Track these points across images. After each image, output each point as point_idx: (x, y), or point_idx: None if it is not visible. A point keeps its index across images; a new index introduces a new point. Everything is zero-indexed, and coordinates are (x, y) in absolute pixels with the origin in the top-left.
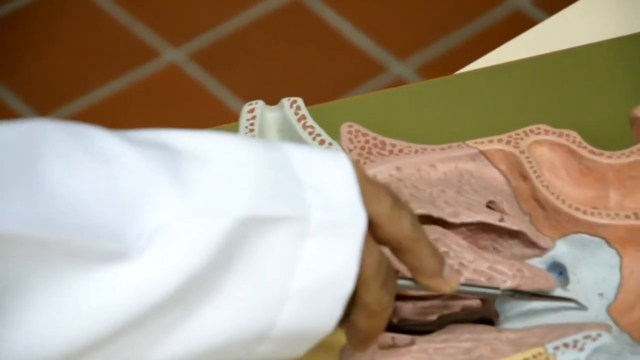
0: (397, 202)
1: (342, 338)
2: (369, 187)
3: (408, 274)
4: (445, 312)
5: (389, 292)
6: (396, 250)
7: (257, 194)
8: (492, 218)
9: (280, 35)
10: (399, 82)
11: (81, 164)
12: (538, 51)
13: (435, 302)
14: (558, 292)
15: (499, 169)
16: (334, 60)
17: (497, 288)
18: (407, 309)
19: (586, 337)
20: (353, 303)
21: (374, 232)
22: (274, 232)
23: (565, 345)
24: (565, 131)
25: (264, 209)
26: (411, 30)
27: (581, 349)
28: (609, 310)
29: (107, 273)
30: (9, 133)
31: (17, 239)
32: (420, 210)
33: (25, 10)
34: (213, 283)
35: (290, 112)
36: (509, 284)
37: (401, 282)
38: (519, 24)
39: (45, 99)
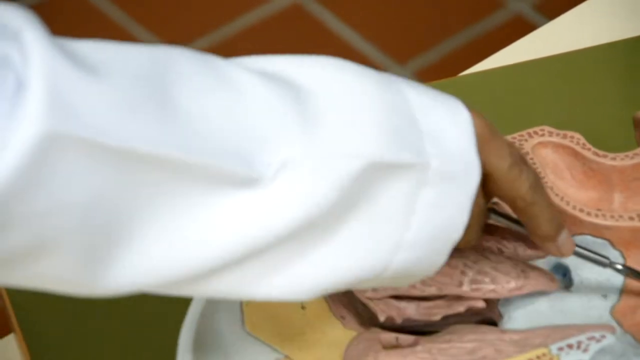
0: (518, 161)
1: (347, 336)
2: (492, 142)
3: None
4: (449, 312)
5: (480, 234)
6: (511, 208)
7: (384, 139)
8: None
9: (280, 39)
10: None
11: (212, 92)
12: (538, 55)
13: (439, 303)
14: None
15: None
16: None
17: (607, 258)
18: (411, 309)
19: (590, 338)
20: None
21: (490, 185)
22: (396, 178)
23: (569, 346)
24: (569, 133)
25: (390, 155)
26: (411, 34)
27: (585, 350)
28: (613, 311)
29: (238, 197)
30: (141, 57)
31: (154, 159)
32: None
33: None
34: (333, 223)
35: None
36: (512, 284)
37: (517, 227)
38: (519, 29)
39: None
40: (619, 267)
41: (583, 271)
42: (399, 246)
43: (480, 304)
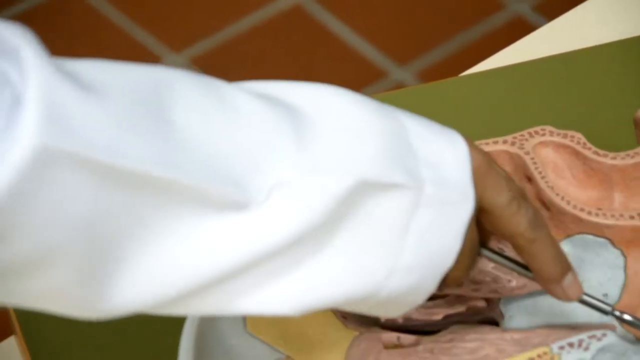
0: (517, 196)
1: (348, 336)
2: (489, 175)
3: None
4: (451, 312)
5: (468, 273)
6: (513, 246)
7: (376, 159)
8: None
9: (281, 41)
10: (400, 87)
11: (210, 113)
12: (538, 55)
13: (440, 302)
14: None
15: (503, 170)
16: (335, 66)
17: (611, 306)
18: (412, 309)
19: (591, 337)
20: None
21: (488, 221)
22: (389, 199)
23: (570, 344)
24: (570, 132)
25: (384, 174)
26: (412, 35)
27: (586, 349)
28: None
29: (230, 219)
30: (139, 77)
31: (147, 178)
32: None
33: (26, 15)
34: (324, 240)
35: None
36: (514, 283)
37: (517, 268)
38: (519, 30)
39: None
40: (628, 317)
41: (584, 270)
42: (392, 270)
43: (482, 304)
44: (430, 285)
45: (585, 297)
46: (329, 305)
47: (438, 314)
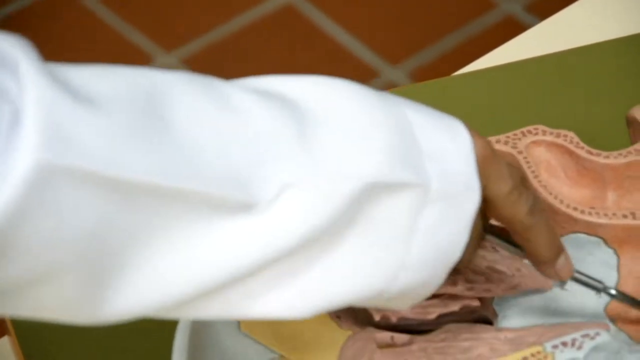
0: (518, 184)
1: (342, 336)
2: (492, 164)
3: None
4: (444, 311)
5: (474, 256)
6: (510, 230)
7: (382, 158)
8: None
9: (273, 41)
10: (392, 87)
11: (211, 117)
12: (530, 55)
13: (434, 301)
14: None
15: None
16: (327, 66)
17: (601, 282)
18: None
19: (584, 336)
20: None
21: (489, 207)
22: (396, 199)
23: (564, 344)
24: (563, 132)
25: (390, 175)
26: (404, 35)
27: (579, 348)
28: (607, 309)
29: (236, 223)
30: (137, 82)
31: (148, 188)
32: None
33: (19, 15)
34: (332, 242)
35: None
36: (507, 283)
37: (514, 250)
38: (511, 30)
39: None
40: (613, 292)
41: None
42: (401, 267)
43: (475, 303)
44: (439, 278)
45: (577, 275)
46: (337, 307)
47: (432, 313)
